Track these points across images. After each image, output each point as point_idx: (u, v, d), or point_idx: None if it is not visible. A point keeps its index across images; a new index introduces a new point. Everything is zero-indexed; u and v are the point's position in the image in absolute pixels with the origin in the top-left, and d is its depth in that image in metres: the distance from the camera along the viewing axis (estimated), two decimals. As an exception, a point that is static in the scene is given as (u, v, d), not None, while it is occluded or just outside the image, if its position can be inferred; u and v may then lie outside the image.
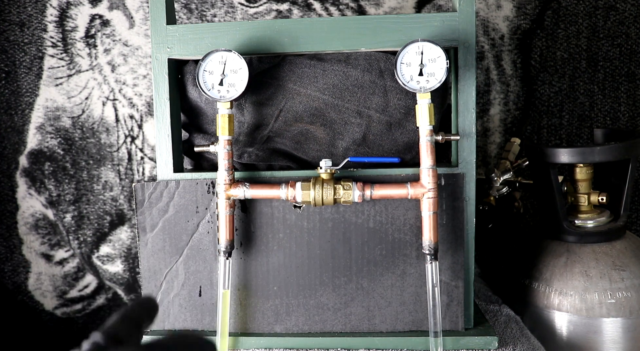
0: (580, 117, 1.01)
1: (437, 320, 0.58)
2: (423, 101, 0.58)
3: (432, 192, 0.58)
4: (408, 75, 0.58)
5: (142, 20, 1.01)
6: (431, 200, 0.58)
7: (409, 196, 0.58)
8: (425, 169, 0.58)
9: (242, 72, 0.59)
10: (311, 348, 0.63)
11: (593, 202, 0.72)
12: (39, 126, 1.03)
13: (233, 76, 0.60)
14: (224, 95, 0.59)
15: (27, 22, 1.01)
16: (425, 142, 0.58)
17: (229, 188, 0.60)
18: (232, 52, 0.59)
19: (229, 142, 0.60)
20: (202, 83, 0.60)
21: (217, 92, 0.60)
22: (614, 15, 0.98)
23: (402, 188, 0.58)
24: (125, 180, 1.05)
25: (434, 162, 0.58)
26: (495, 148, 1.03)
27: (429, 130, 0.57)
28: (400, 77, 0.57)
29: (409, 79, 0.58)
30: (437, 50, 0.57)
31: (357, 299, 0.63)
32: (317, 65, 0.64)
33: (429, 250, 0.58)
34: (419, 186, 0.58)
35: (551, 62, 1.00)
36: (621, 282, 0.66)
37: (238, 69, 0.59)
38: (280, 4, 1.00)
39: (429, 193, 0.58)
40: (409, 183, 0.59)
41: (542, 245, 0.73)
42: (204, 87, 0.60)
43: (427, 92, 0.57)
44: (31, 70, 1.02)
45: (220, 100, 0.59)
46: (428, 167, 0.58)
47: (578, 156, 0.68)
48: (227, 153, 0.60)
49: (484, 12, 0.99)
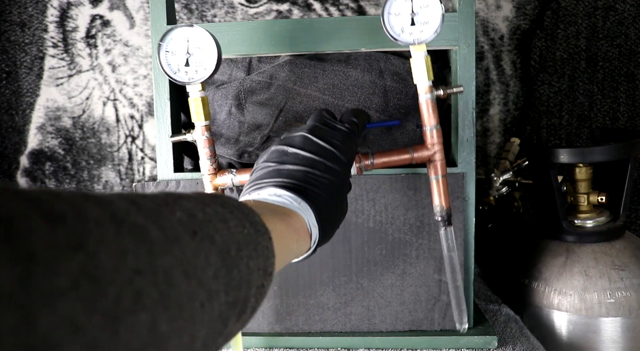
0: (580, 117, 1.02)
1: (459, 293, 0.56)
2: (418, 54, 0.51)
3: (439, 154, 0.53)
4: (398, 28, 0.51)
5: (143, 20, 1.01)
6: (438, 163, 0.53)
7: (413, 160, 0.53)
8: (429, 129, 0.53)
9: (209, 48, 0.52)
10: (311, 347, 0.64)
11: (592, 201, 0.72)
12: (40, 126, 1.03)
13: (200, 53, 0.53)
14: (193, 77, 0.53)
15: (27, 22, 1.01)
16: (425, 100, 0.53)
17: (214, 178, 0.57)
18: (195, 26, 0.53)
19: (207, 127, 0.56)
20: (165, 66, 0.53)
21: (185, 73, 0.53)
22: (613, 15, 0.98)
23: (404, 154, 0.54)
24: (125, 180, 1.05)
25: (437, 121, 0.53)
26: (494, 148, 1.03)
27: (428, 86, 0.52)
28: (389, 29, 0.51)
29: (399, 32, 0.51)
30: None
31: (357, 299, 0.64)
32: (317, 65, 0.64)
33: (442, 216, 0.54)
34: (423, 149, 0.53)
35: (550, 62, 1.00)
36: (620, 282, 0.66)
37: (204, 45, 0.53)
38: (280, 4, 1.00)
39: (436, 156, 0.53)
40: (412, 148, 0.54)
41: (542, 244, 0.73)
42: (168, 70, 0.53)
43: (422, 44, 0.51)
44: (32, 71, 1.02)
45: (190, 83, 0.53)
46: (432, 127, 0.53)
47: (577, 156, 0.68)
48: (206, 140, 0.56)
49: (484, 13, 1.00)
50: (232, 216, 0.30)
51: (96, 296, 0.17)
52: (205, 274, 0.25)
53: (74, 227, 0.18)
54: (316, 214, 0.41)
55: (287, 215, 0.40)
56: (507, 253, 0.80)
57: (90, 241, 0.18)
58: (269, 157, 0.46)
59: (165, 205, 0.25)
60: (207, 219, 0.27)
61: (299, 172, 0.43)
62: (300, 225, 0.40)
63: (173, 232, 0.24)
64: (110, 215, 0.20)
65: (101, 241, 0.19)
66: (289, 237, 0.38)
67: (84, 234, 0.18)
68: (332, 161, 0.44)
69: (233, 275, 0.27)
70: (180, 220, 0.25)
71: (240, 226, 0.30)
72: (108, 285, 0.18)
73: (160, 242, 0.22)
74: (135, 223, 0.21)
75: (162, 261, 0.22)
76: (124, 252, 0.20)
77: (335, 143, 0.45)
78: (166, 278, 0.21)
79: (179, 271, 0.22)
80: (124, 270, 0.19)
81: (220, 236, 0.27)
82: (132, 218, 0.21)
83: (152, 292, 0.20)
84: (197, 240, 0.25)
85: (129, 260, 0.20)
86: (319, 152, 0.44)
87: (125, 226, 0.20)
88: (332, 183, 0.44)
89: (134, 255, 0.20)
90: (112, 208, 0.21)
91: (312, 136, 0.45)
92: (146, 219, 0.22)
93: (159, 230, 0.23)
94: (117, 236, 0.20)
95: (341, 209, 0.46)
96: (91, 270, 0.18)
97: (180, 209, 0.26)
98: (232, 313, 0.28)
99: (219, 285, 0.26)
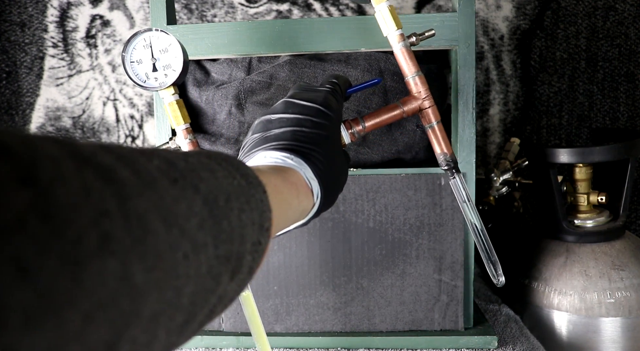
0: (580, 117, 1.02)
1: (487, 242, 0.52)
2: (381, 6, 0.50)
3: (428, 100, 0.51)
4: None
5: (143, 20, 1.01)
6: (430, 110, 0.51)
7: (404, 114, 0.51)
8: (411, 78, 0.51)
9: (173, 49, 0.52)
10: (311, 347, 0.64)
11: (592, 201, 0.72)
12: (40, 126, 1.03)
13: (165, 56, 0.52)
14: (164, 81, 0.52)
15: (27, 22, 1.01)
16: (399, 49, 0.50)
17: None
18: (154, 30, 0.52)
19: (188, 131, 0.55)
20: (134, 77, 0.52)
21: (155, 80, 0.52)
22: (613, 15, 0.98)
23: (394, 110, 0.51)
24: (125, 180, 1.05)
25: (417, 68, 0.51)
26: (494, 148, 1.03)
27: (399, 34, 0.50)
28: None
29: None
30: None
31: (357, 299, 0.64)
32: (318, 65, 0.64)
33: (448, 164, 0.51)
34: (411, 100, 0.51)
35: (550, 62, 1.00)
36: (620, 282, 0.66)
37: (168, 46, 0.52)
38: (280, 4, 1.00)
39: (425, 103, 0.51)
40: (399, 101, 0.51)
41: (542, 244, 0.73)
42: (137, 80, 0.52)
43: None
44: (32, 71, 1.02)
45: (161, 88, 0.52)
46: (413, 75, 0.50)
47: (577, 156, 0.68)
48: (190, 143, 0.55)
49: (484, 13, 1.00)
50: (219, 167, 0.28)
51: (49, 236, 0.15)
52: (188, 223, 0.23)
53: (22, 160, 0.16)
54: (312, 167, 0.40)
55: (281, 170, 0.38)
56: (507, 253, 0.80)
57: (42, 175, 0.16)
58: (255, 129, 0.45)
59: (141, 153, 0.23)
60: (190, 168, 0.25)
61: (286, 132, 0.42)
62: (297, 179, 0.39)
63: (149, 176, 0.21)
64: (70, 153, 0.18)
65: (56, 177, 0.17)
66: (287, 192, 0.36)
67: (35, 168, 0.16)
68: (318, 116, 0.43)
69: (222, 226, 0.25)
70: (158, 167, 0.23)
71: (229, 177, 0.28)
72: (65, 224, 0.16)
73: (133, 184, 0.20)
74: (101, 163, 0.19)
75: (134, 204, 0.19)
76: (87, 191, 0.17)
77: (318, 101, 0.44)
78: (140, 223, 0.19)
79: (155, 217, 0.20)
80: (86, 210, 0.17)
81: (206, 185, 0.25)
82: (98, 158, 0.19)
83: (123, 236, 0.18)
84: (178, 188, 0.23)
85: (92, 199, 0.18)
86: (302, 111, 0.43)
87: (89, 165, 0.18)
88: (323, 137, 0.43)
89: (98, 194, 0.18)
90: (73, 148, 0.19)
91: (293, 99, 0.45)
92: (116, 161, 0.20)
93: (132, 173, 0.20)
94: (77, 173, 0.18)
95: (338, 165, 0.44)
96: (42, 206, 0.16)
97: (159, 158, 0.24)
98: (223, 268, 0.26)
99: (205, 236, 0.24)
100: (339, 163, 0.45)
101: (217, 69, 0.66)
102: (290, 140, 0.41)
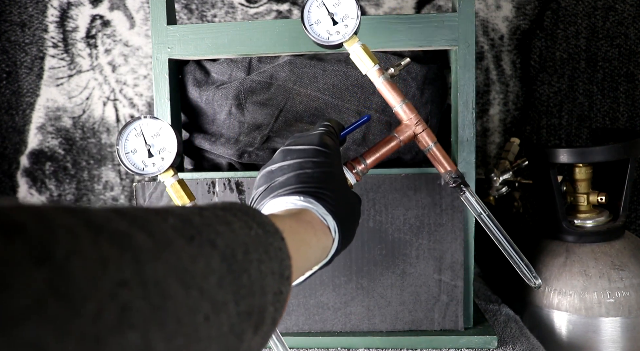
0: (580, 117, 1.02)
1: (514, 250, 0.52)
2: (354, 47, 0.51)
3: (420, 125, 0.52)
4: (324, 33, 0.51)
5: (143, 20, 1.01)
6: (424, 133, 0.52)
7: (401, 143, 0.52)
8: (399, 107, 0.51)
9: (165, 132, 0.52)
10: (311, 347, 0.64)
11: (592, 201, 0.72)
12: (40, 126, 1.03)
13: (159, 140, 0.52)
14: (162, 165, 0.52)
15: (28, 22, 1.01)
16: (381, 83, 0.51)
17: None
18: (142, 118, 0.52)
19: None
20: (131, 167, 0.52)
21: (152, 165, 0.52)
22: (613, 15, 0.99)
23: (391, 142, 0.52)
24: (125, 180, 1.05)
25: (402, 96, 0.51)
26: (494, 148, 1.03)
27: (377, 70, 0.51)
28: (316, 38, 0.51)
29: (327, 36, 0.51)
30: None
31: (357, 299, 0.64)
32: (317, 65, 0.64)
33: (455, 181, 0.52)
34: (404, 127, 0.52)
35: (550, 63, 1.01)
36: (620, 282, 0.66)
37: (159, 131, 0.52)
38: (280, 4, 1.00)
39: (418, 128, 0.52)
40: (393, 132, 0.52)
41: (542, 244, 0.74)
42: (135, 170, 0.52)
43: (352, 36, 0.50)
44: (32, 71, 1.02)
45: (160, 172, 0.52)
46: (400, 104, 0.51)
47: (577, 156, 0.68)
48: None
49: (484, 13, 1.00)
50: (235, 218, 0.28)
51: (69, 316, 0.15)
52: (207, 282, 0.22)
53: (37, 237, 0.15)
54: (323, 204, 0.40)
55: (294, 213, 0.38)
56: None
57: (59, 251, 0.16)
58: (258, 183, 0.45)
59: (156, 213, 0.23)
60: (206, 223, 0.25)
61: (290, 178, 0.42)
62: (311, 218, 0.38)
63: (164, 238, 0.21)
64: (85, 223, 0.18)
65: (72, 251, 0.16)
66: (304, 231, 0.36)
67: (50, 243, 0.16)
68: (317, 156, 0.44)
69: (242, 281, 0.25)
70: (173, 226, 0.23)
71: (246, 228, 0.28)
72: (84, 301, 0.16)
73: (149, 248, 0.20)
74: (116, 230, 0.19)
75: (151, 269, 0.19)
76: (104, 262, 0.17)
77: (314, 142, 0.45)
78: (158, 289, 0.19)
79: (173, 280, 0.20)
80: (104, 283, 0.17)
81: (223, 239, 0.25)
82: (112, 224, 0.19)
83: (142, 306, 0.18)
84: (194, 245, 0.23)
85: (110, 270, 0.17)
86: (301, 155, 0.44)
87: (104, 233, 0.18)
88: (327, 174, 0.43)
89: (116, 264, 0.18)
90: (86, 215, 0.18)
91: (289, 146, 0.45)
92: (130, 225, 0.20)
93: (147, 236, 0.20)
94: (93, 244, 0.17)
95: (349, 198, 0.45)
96: (60, 284, 0.15)
97: (173, 216, 0.23)
98: (246, 325, 0.25)
99: (225, 294, 0.23)
100: (349, 196, 0.45)
101: (217, 69, 0.66)
102: (295, 184, 0.41)
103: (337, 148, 0.47)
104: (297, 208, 0.39)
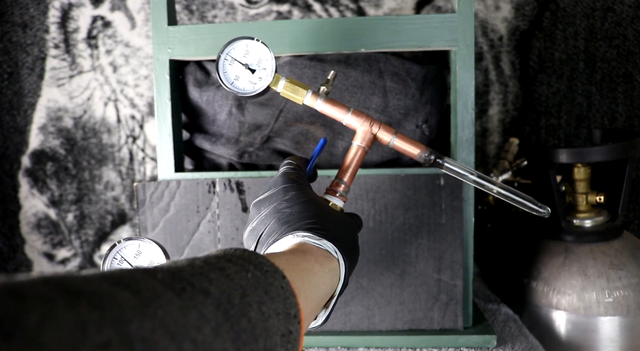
0: (578, 118, 1.02)
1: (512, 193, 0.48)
2: (280, 84, 0.50)
3: (375, 124, 0.50)
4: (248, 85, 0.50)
5: (144, 21, 1.01)
6: (382, 129, 0.50)
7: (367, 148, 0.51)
8: (347, 117, 0.50)
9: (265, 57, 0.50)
10: (311, 346, 0.64)
11: (591, 201, 0.73)
12: (41, 126, 1.04)
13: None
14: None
15: (29, 23, 1.02)
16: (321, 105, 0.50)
17: None
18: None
19: None
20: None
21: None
22: (612, 16, 0.99)
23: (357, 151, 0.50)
24: (126, 180, 1.05)
25: (345, 108, 0.50)
26: (493, 149, 1.04)
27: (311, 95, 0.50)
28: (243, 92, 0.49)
29: (251, 86, 0.49)
30: None
31: (357, 298, 0.64)
32: (318, 66, 0.64)
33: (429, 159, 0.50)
34: (362, 134, 0.50)
35: (549, 63, 1.01)
36: (619, 281, 0.66)
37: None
38: (280, 5, 1.01)
39: (374, 127, 0.50)
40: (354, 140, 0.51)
41: (541, 244, 0.74)
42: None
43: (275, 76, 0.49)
44: (33, 71, 1.03)
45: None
46: (347, 114, 0.50)
47: (576, 156, 0.68)
48: None
49: (483, 14, 1.00)
50: (230, 263, 0.27)
51: None
52: (201, 332, 0.21)
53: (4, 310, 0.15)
54: (312, 232, 0.39)
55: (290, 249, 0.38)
56: (506, 253, 0.80)
57: (30, 321, 0.15)
58: (247, 244, 0.44)
59: (144, 271, 0.22)
60: (197, 272, 0.24)
61: (272, 226, 0.41)
62: (306, 247, 0.38)
63: (151, 293, 0.20)
64: (61, 289, 0.17)
65: (45, 319, 0.15)
66: (303, 261, 0.35)
67: (20, 314, 0.15)
68: (287, 193, 0.43)
69: (241, 326, 0.24)
70: (162, 280, 0.22)
71: (242, 271, 0.27)
72: None
73: (134, 306, 0.19)
74: (95, 292, 0.18)
75: (137, 327, 0.18)
76: (82, 326, 0.16)
77: (278, 183, 0.45)
78: (146, 345, 0.18)
79: (163, 335, 0.19)
80: (85, 347, 0.16)
81: (217, 286, 0.24)
82: (92, 287, 0.18)
83: None
84: (185, 297, 0.22)
85: (89, 334, 0.16)
86: (272, 200, 0.43)
87: (82, 297, 0.17)
88: (304, 204, 0.42)
89: (96, 327, 0.17)
90: (64, 282, 0.17)
91: (258, 198, 0.45)
92: (112, 285, 0.19)
93: (132, 294, 0.19)
94: (70, 309, 0.16)
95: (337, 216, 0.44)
96: None
97: (162, 271, 0.23)
98: None
99: (224, 341, 0.22)
100: (337, 215, 0.44)
101: (218, 70, 0.67)
102: (280, 227, 0.41)
103: (303, 178, 0.47)
104: (291, 246, 0.39)
